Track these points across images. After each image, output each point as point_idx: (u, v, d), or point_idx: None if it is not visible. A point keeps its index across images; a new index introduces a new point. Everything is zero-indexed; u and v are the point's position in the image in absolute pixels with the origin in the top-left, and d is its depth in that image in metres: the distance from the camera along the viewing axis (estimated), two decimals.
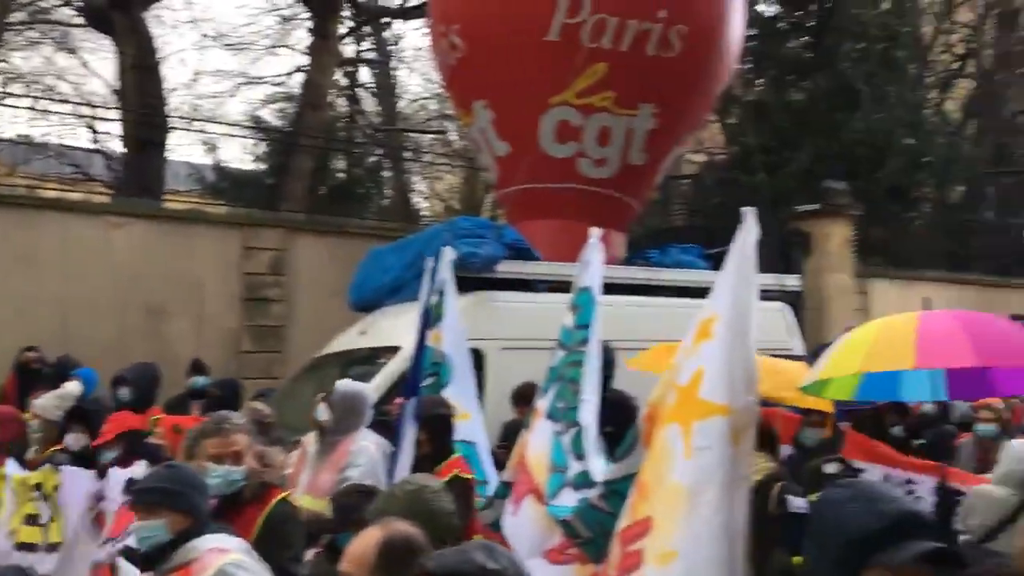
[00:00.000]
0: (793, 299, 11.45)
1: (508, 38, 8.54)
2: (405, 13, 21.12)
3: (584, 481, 4.69)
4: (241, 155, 13.97)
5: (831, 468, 4.60)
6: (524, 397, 5.90)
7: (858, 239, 16.59)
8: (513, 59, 8.60)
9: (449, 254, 6.03)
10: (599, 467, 4.77)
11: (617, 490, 4.14)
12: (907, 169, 19.10)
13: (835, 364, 4.74)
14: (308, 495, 4.92)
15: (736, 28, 9.47)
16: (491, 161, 9.54)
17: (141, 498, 3.16)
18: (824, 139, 17.66)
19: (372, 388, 6.30)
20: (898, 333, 4.59)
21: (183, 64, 27.87)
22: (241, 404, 6.68)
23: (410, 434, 5.00)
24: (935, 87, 24.42)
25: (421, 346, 5.55)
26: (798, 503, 4.53)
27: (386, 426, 5.55)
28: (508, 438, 5.90)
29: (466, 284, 7.51)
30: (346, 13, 18.84)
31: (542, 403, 5.30)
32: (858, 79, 17.94)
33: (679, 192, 21.08)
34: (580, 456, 4.80)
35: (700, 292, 8.57)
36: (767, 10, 20.15)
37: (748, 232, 4.40)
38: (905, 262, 18.53)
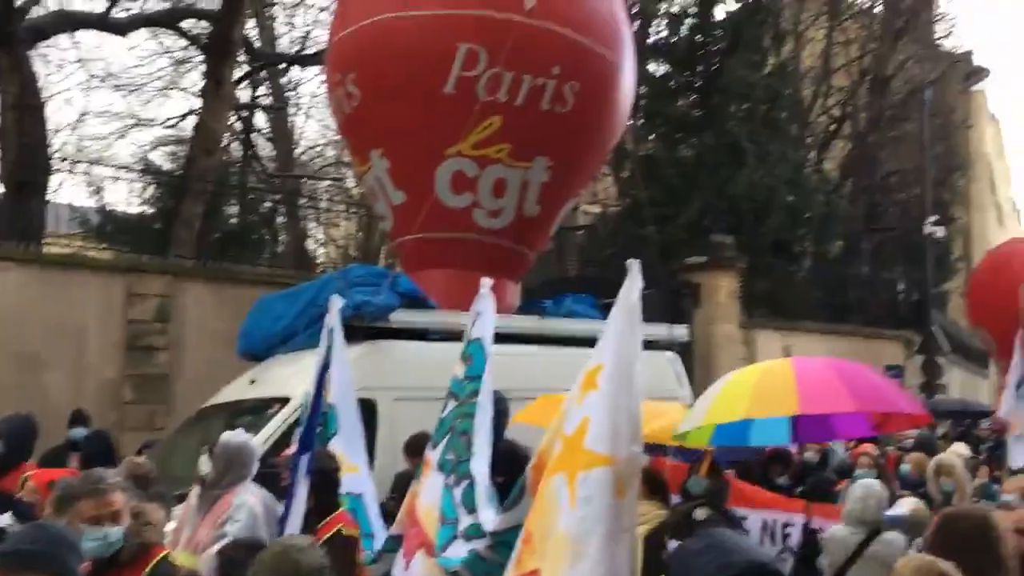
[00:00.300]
0: (682, 348, 11.75)
1: (405, 89, 8.60)
2: (302, 60, 21.04)
3: (475, 532, 4.65)
4: (128, 199, 13.54)
5: (701, 514, 4.71)
6: (416, 447, 5.84)
7: (743, 291, 17.20)
8: (409, 110, 8.66)
9: (337, 303, 5.98)
10: (491, 519, 4.75)
11: (505, 540, 4.12)
12: (789, 224, 19.99)
13: (719, 410, 4.88)
14: (186, 551, 4.74)
15: (628, 86, 9.77)
16: (387, 209, 9.53)
17: (6, 560, 2.97)
18: (711, 194, 18.35)
19: (259, 440, 6.15)
20: (777, 380, 4.77)
21: (69, 104, 27.02)
22: (116, 457, 6.41)
23: (303, 489, 4.87)
24: (814, 147, 25.70)
25: (319, 398, 5.46)
26: None
27: (274, 479, 5.41)
28: (399, 489, 5.83)
29: (359, 333, 7.45)
30: (242, 58, 18.64)
31: (432, 455, 5.26)
32: (743, 138, 18.75)
33: (574, 243, 21.48)
34: (471, 509, 4.77)
35: (593, 342, 8.73)
36: (658, 69, 20.92)
37: (633, 284, 4.52)
38: (787, 313, 19.27)
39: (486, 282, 5.70)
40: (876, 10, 27.15)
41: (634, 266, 4.50)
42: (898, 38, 26.14)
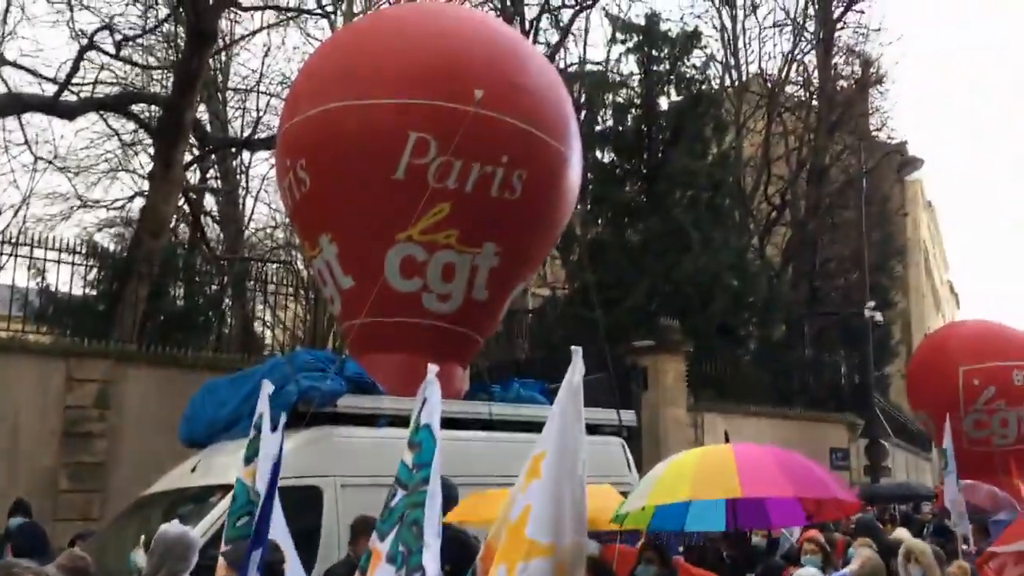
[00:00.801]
0: (631, 432, 11.76)
1: (355, 175, 8.68)
2: (252, 144, 21.17)
3: None
4: (72, 281, 13.30)
5: None
6: (361, 531, 5.73)
7: (690, 374, 17.36)
8: (359, 196, 8.73)
9: (267, 387, 5.92)
10: None
11: None
12: (733, 308, 20.35)
13: (661, 491, 4.91)
14: None
15: (575, 173, 9.98)
16: (335, 294, 9.51)
17: None
18: (658, 278, 18.66)
19: (199, 530, 5.98)
20: (718, 463, 4.83)
21: (15, 186, 26.84)
22: (48, 548, 6.18)
23: None
24: (756, 233, 26.39)
25: (272, 487, 5.33)
26: None
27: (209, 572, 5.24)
28: None
29: (306, 419, 7.35)
30: (192, 141, 18.69)
31: (382, 546, 5.15)
32: (687, 224, 19.21)
33: (523, 325, 21.58)
34: None
35: (539, 427, 8.71)
36: (604, 157, 21.45)
37: (575, 369, 4.56)
38: (733, 396, 19.46)
39: (432, 368, 5.71)
40: (813, 103, 28.27)
41: (576, 353, 4.56)
42: (834, 130, 27.20)
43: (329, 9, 21.49)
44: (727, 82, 27.35)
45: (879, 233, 28.79)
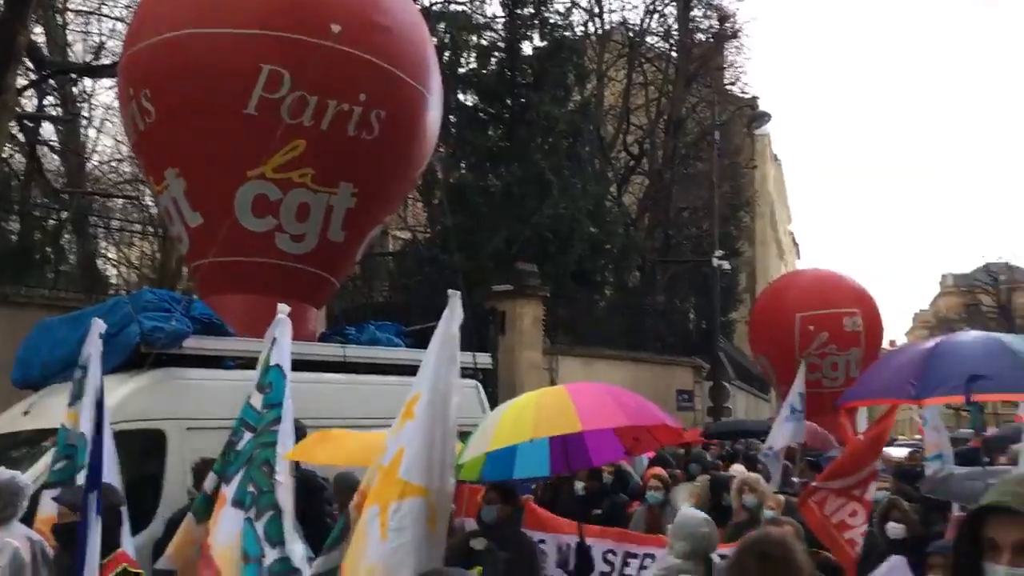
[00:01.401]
0: (485, 375, 11.91)
1: (203, 108, 8.30)
2: (93, 70, 19.88)
3: (283, 568, 4.51)
4: None
5: (478, 545, 4.78)
6: (203, 474, 5.60)
7: (547, 318, 17.70)
8: (208, 129, 8.36)
9: (97, 326, 5.67)
10: (299, 552, 4.62)
11: None
12: (590, 255, 20.79)
13: (504, 434, 5.01)
14: None
15: (435, 115, 9.88)
16: (183, 231, 9.14)
17: None
18: (517, 224, 18.81)
19: (31, 476, 5.71)
20: (556, 403, 4.98)
21: None
22: None
23: (96, 531, 4.50)
24: (615, 182, 26.92)
25: (100, 431, 5.13)
26: None
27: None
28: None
29: (149, 360, 7.09)
30: (28, 65, 17.37)
31: (227, 489, 5.05)
32: (548, 170, 19.39)
33: (383, 268, 21.41)
34: (277, 542, 4.61)
35: (395, 369, 8.70)
36: (467, 100, 21.32)
37: (453, 314, 4.57)
38: (588, 340, 20.00)
39: (283, 308, 5.60)
40: (672, 55, 28.87)
41: (455, 298, 4.56)
42: (691, 82, 27.88)
43: None
44: (590, 30, 27.57)
45: (729, 185, 29.91)
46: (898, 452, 16.10)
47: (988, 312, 55.16)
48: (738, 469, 10.11)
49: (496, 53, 21.01)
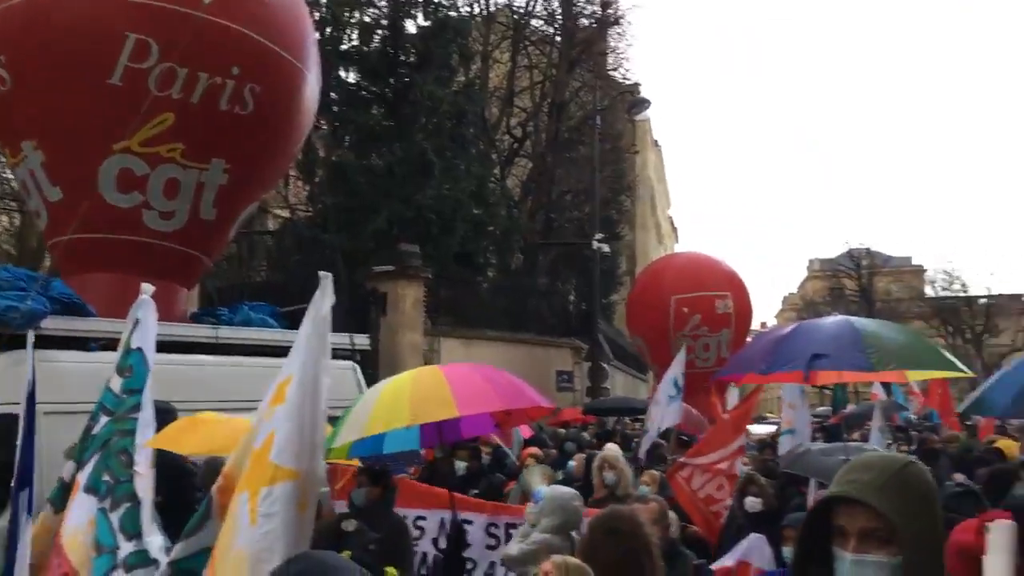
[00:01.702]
0: (365, 356, 11.78)
1: (63, 76, 7.87)
2: None
3: (139, 560, 4.35)
4: None
5: (349, 527, 4.75)
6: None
7: (429, 300, 17.67)
8: (68, 100, 7.94)
9: None
10: (157, 543, 4.46)
11: (188, 569, 3.91)
12: (473, 237, 20.83)
13: (381, 420, 4.96)
14: None
15: (312, 92, 9.65)
16: (41, 206, 8.67)
17: None
18: (400, 204, 18.66)
19: None
20: (431, 386, 4.97)
21: None
22: None
23: (27, 531, 4.21)
24: (498, 164, 26.99)
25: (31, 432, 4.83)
26: None
27: None
28: None
29: (3, 342, 6.72)
30: None
31: (80, 475, 4.84)
32: (431, 151, 19.28)
33: (262, 247, 20.90)
34: (133, 535, 4.45)
35: (269, 351, 8.51)
36: (349, 77, 20.96)
37: (324, 296, 4.49)
38: (470, 322, 20.06)
39: (147, 288, 5.38)
40: (557, 38, 29.07)
41: (326, 279, 4.48)
42: (573, 67, 28.15)
43: None
44: (475, 11, 27.48)
45: (611, 169, 30.40)
46: (766, 429, 16.84)
47: (851, 295, 58.08)
48: (612, 448, 10.37)
49: (379, 31, 20.70)
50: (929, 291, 60.22)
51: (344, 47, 20.63)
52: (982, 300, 54.46)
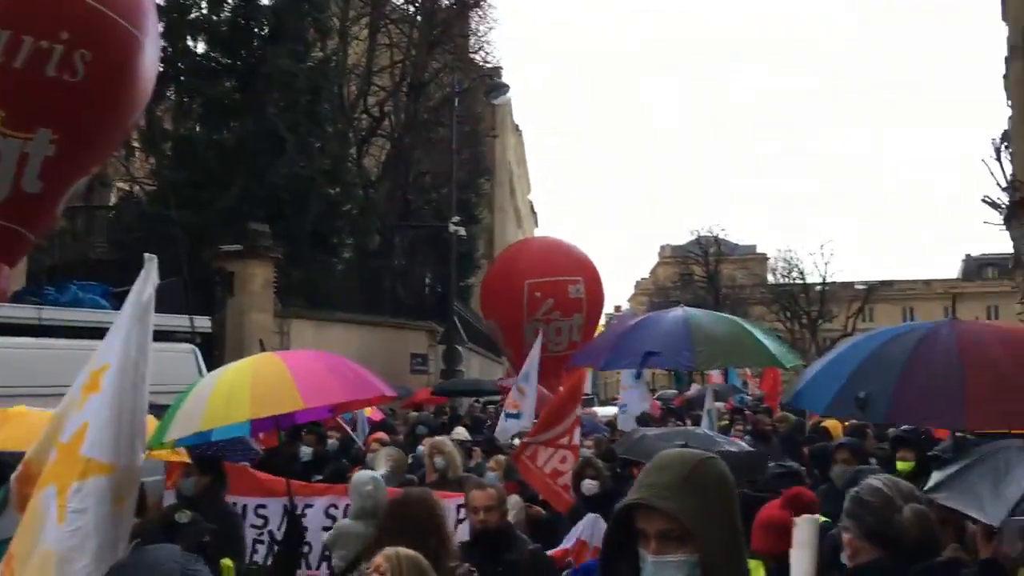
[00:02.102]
0: (212, 338, 11.40)
1: None
2: None
3: None
4: None
5: (182, 518, 4.58)
6: None
7: (280, 280, 17.23)
8: None
9: None
10: None
11: None
12: (327, 217, 20.40)
13: (218, 414, 4.76)
14: None
15: (150, 61, 9.14)
16: None
17: None
18: (250, 181, 18.05)
19: None
20: (273, 377, 4.79)
21: None
22: None
23: None
24: (355, 143, 26.54)
25: None
26: None
27: None
28: None
29: None
30: None
31: None
32: (283, 127, 18.71)
33: (102, 222, 19.83)
34: None
35: (99, 333, 8.09)
36: (198, 48, 20.09)
37: (147, 279, 4.25)
38: (325, 304, 19.70)
39: None
40: (418, 18, 28.76)
41: (151, 261, 4.23)
42: (433, 48, 27.94)
43: None
44: None
45: (470, 152, 30.44)
46: (612, 410, 17.30)
47: (699, 281, 60.44)
48: (460, 432, 10.42)
49: (230, 0, 19.88)
50: (771, 278, 63.36)
51: (193, 16, 19.73)
52: (817, 287, 57.73)
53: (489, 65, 31.85)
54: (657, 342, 6.48)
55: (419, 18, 28.47)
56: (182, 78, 19.49)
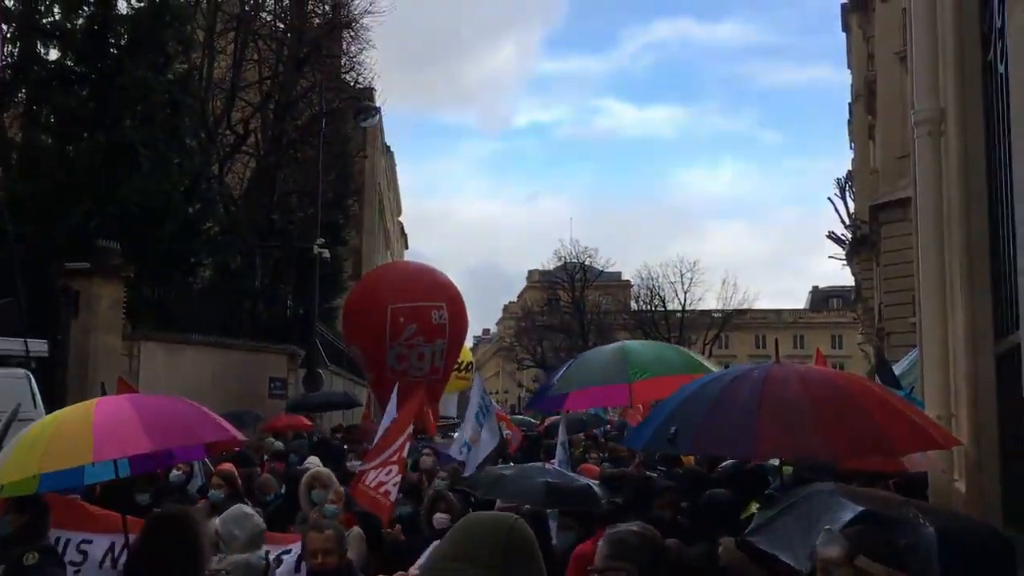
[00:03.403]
0: (48, 363, 10.83)
1: None
2: None
3: None
4: None
5: (30, 560, 4.40)
6: None
7: (130, 301, 16.56)
8: None
9: None
10: None
11: None
12: (185, 235, 19.73)
13: (12, 468, 4.64)
14: None
15: None
16: None
17: None
18: (101, 197, 17.28)
19: None
20: (75, 428, 4.66)
21: None
22: None
23: None
24: (218, 160, 25.81)
25: None
26: None
27: None
28: None
29: None
30: None
31: None
32: (139, 142, 18.01)
33: None
34: None
35: None
36: (49, 55, 19.19)
37: None
38: (180, 326, 19.01)
39: None
40: (288, 36, 28.32)
41: None
42: (302, 66, 27.57)
43: None
44: None
45: (337, 172, 30.09)
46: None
47: (564, 307, 61.56)
48: (313, 461, 10.24)
49: (86, 7, 19.04)
50: (634, 305, 65.19)
51: (46, 21, 18.82)
52: (677, 314, 59.78)
53: (360, 86, 31.65)
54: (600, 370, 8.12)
55: (288, 35, 28.05)
56: (31, 85, 18.57)
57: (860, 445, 4.44)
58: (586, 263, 60.62)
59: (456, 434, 11.81)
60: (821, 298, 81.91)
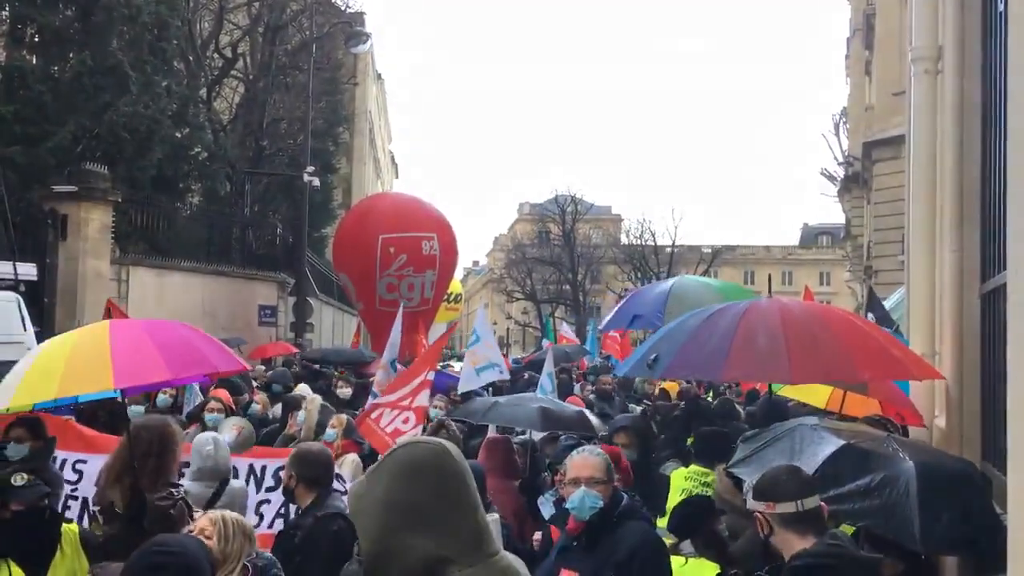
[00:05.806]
0: (35, 287, 10.79)
1: None
2: None
3: None
4: None
5: (18, 480, 4.42)
6: None
7: (118, 226, 16.45)
8: None
9: None
10: None
11: None
12: (173, 160, 19.53)
13: (30, 390, 4.62)
14: None
15: None
16: None
17: None
18: (88, 119, 17.03)
19: None
20: (91, 353, 4.62)
21: None
22: None
23: None
24: (206, 84, 25.38)
25: None
26: None
27: None
28: None
29: None
30: None
31: None
32: (126, 63, 17.67)
33: None
34: None
35: None
36: None
37: None
38: (168, 251, 18.93)
39: None
40: None
41: None
42: None
43: None
44: None
45: (328, 99, 29.66)
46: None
47: (555, 239, 61.46)
48: (303, 388, 10.34)
49: None
50: (624, 239, 65.11)
51: None
52: (667, 249, 59.81)
53: (352, 10, 31.01)
54: (643, 306, 8.41)
55: None
56: (16, 3, 18.11)
57: (831, 372, 4.62)
58: (577, 196, 60.33)
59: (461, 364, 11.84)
60: (811, 235, 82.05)
